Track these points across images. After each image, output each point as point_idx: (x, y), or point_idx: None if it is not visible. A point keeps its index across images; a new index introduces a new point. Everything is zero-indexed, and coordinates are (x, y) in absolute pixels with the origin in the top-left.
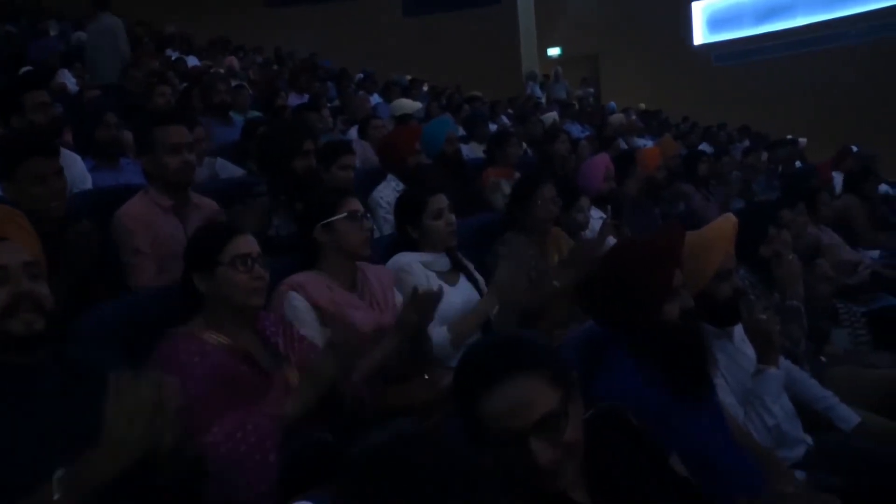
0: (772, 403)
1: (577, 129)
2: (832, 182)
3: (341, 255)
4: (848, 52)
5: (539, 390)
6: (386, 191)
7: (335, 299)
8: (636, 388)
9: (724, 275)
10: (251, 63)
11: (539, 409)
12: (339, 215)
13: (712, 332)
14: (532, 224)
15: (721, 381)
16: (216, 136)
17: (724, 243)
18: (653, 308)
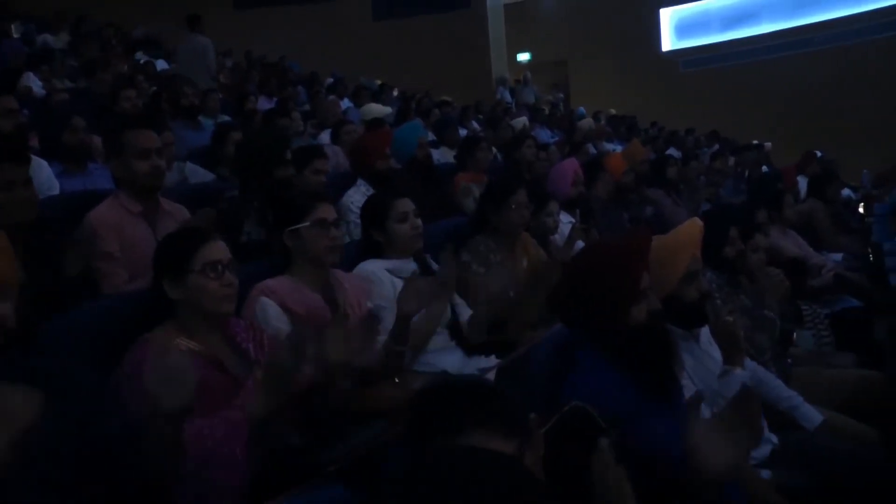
0: None
1: (547, 134)
2: (797, 186)
3: (309, 261)
4: (811, 59)
5: (492, 445)
6: (356, 195)
7: (307, 304)
8: (605, 390)
9: (690, 277)
10: (221, 67)
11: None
12: (305, 223)
13: (679, 333)
14: (504, 228)
15: (688, 382)
16: (185, 140)
17: (690, 247)
18: (621, 310)
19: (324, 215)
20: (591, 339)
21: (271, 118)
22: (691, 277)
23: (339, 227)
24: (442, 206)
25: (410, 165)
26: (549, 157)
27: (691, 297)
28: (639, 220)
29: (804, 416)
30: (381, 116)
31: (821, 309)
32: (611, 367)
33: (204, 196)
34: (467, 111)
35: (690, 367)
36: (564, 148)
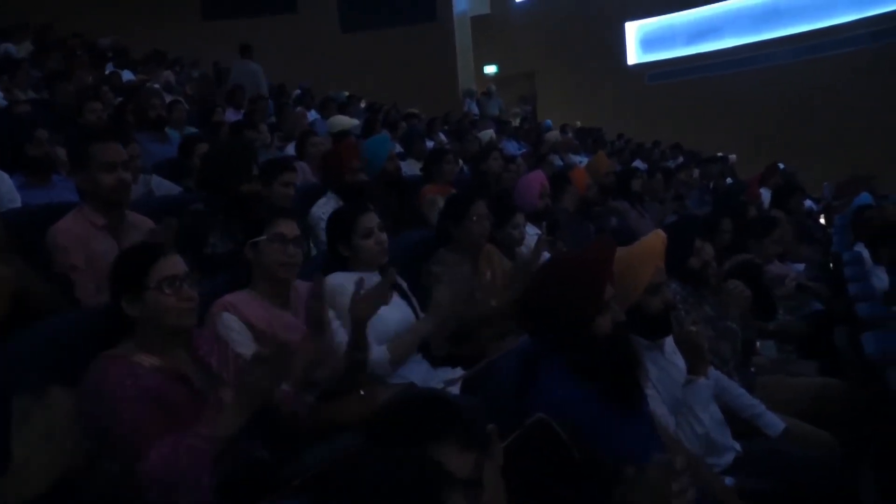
0: (701, 412)
1: (514, 147)
2: (760, 198)
3: (267, 275)
4: (774, 73)
5: (450, 458)
6: (326, 207)
7: (268, 318)
8: (570, 401)
9: (654, 289)
10: (188, 78)
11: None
12: (263, 237)
13: (644, 344)
14: (465, 241)
15: (653, 391)
16: (152, 152)
17: (654, 259)
18: (585, 321)
19: (283, 230)
20: (556, 350)
21: (238, 130)
22: (655, 289)
23: (299, 244)
24: (409, 218)
25: (381, 178)
26: (517, 169)
27: (655, 307)
28: (604, 232)
29: (767, 423)
30: (348, 128)
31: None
32: (575, 378)
33: (170, 209)
34: (434, 123)
35: (655, 377)
36: (531, 160)
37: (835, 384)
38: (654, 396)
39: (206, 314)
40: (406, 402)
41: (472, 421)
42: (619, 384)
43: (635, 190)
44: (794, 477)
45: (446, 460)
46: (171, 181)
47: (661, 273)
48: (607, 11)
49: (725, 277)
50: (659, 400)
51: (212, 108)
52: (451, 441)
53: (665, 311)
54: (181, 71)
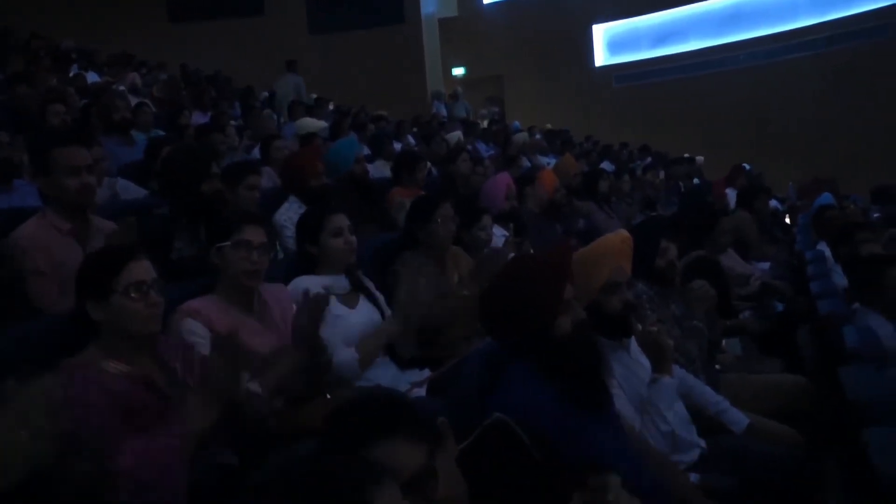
0: (666, 410)
1: (483, 148)
2: (726, 198)
3: (231, 281)
4: (738, 75)
5: (401, 452)
6: (289, 213)
7: (231, 324)
8: (534, 401)
9: (611, 288)
10: (154, 80)
11: (405, 471)
12: (227, 242)
13: (608, 343)
14: (431, 243)
15: (618, 390)
16: (117, 155)
17: (612, 257)
18: (546, 321)
19: (249, 237)
20: (519, 351)
21: (204, 133)
22: (613, 288)
23: (265, 251)
24: (377, 221)
25: (347, 181)
26: (485, 170)
27: (613, 307)
28: (572, 233)
29: (731, 419)
30: (316, 131)
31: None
32: (538, 379)
33: (136, 212)
34: (403, 125)
35: (621, 376)
36: (500, 162)
37: (798, 381)
38: (619, 395)
39: (168, 322)
40: (357, 402)
41: (423, 417)
42: (582, 384)
43: (602, 191)
44: (758, 473)
45: (396, 456)
46: (138, 184)
47: (621, 272)
48: (575, 14)
49: (683, 275)
50: (625, 398)
51: (178, 110)
52: (402, 436)
53: (624, 311)
54: (148, 73)
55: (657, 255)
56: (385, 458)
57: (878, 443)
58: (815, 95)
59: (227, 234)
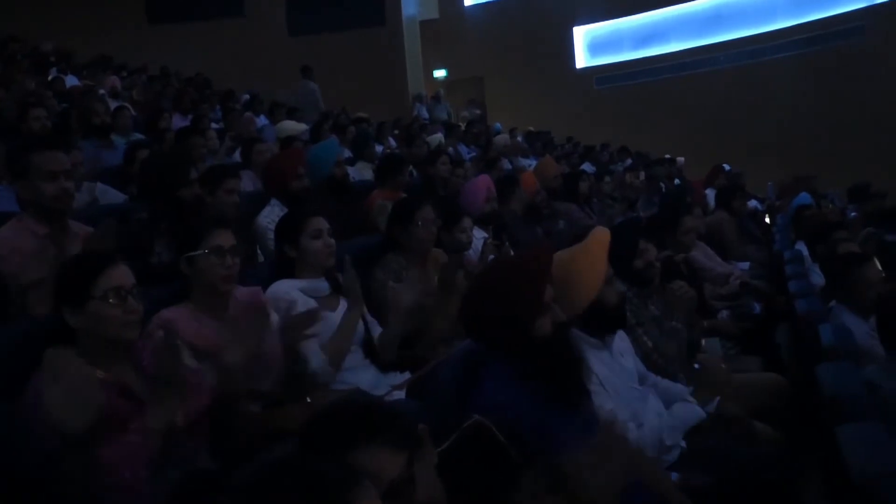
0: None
1: (464, 150)
2: (706, 199)
3: (204, 288)
4: (719, 76)
5: (381, 459)
6: (271, 215)
7: (204, 333)
8: (512, 402)
9: (610, 281)
10: (135, 83)
11: (384, 478)
12: (200, 251)
13: (592, 342)
14: (412, 246)
15: (600, 389)
16: (97, 159)
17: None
18: (526, 323)
19: (220, 242)
20: (498, 353)
21: (184, 136)
22: (610, 280)
23: (236, 253)
24: (358, 224)
25: (328, 184)
26: (465, 172)
27: (612, 300)
28: (552, 235)
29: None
30: (296, 134)
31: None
32: (517, 380)
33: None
34: (384, 127)
35: (604, 376)
36: (481, 164)
37: (776, 379)
38: (601, 393)
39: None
40: (337, 408)
41: (403, 423)
42: (561, 384)
43: (583, 192)
44: (737, 471)
45: (376, 462)
46: (117, 189)
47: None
48: (556, 16)
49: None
50: (606, 396)
51: (158, 113)
52: (381, 443)
53: (620, 302)
54: (128, 76)
55: (635, 256)
56: (363, 465)
57: (851, 439)
58: (794, 96)
59: (194, 243)
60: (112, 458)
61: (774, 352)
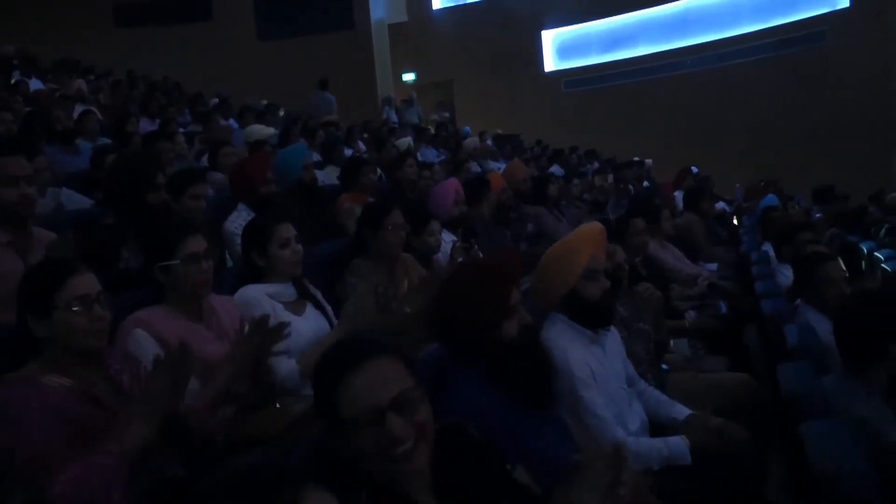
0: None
1: (433, 154)
2: (674, 200)
3: (181, 293)
4: (686, 79)
5: (394, 369)
6: (238, 220)
7: (182, 334)
8: (480, 405)
9: (590, 275)
10: (102, 87)
11: (395, 386)
12: (175, 260)
13: (588, 335)
14: (381, 250)
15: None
16: (62, 164)
17: (590, 245)
18: (492, 326)
19: (194, 248)
20: (465, 356)
21: (152, 141)
22: (592, 275)
23: (209, 256)
24: (326, 227)
25: (296, 188)
26: (433, 176)
27: (592, 294)
28: (521, 238)
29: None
30: (265, 138)
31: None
32: (485, 383)
33: (81, 223)
34: (353, 131)
35: (596, 370)
36: (450, 167)
37: (743, 379)
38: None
39: (116, 333)
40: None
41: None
42: (527, 386)
43: (552, 195)
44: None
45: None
46: (83, 194)
47: (598, 261)
48: (524, 20)
49: None
50: (596, 389)
51: (125, 117)
52: (394, 356)
53: (603, 299)
54: (94, 80)
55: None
56: (380, 371)
57: (812, 436)
58: (759, 99)
59: (167, 252)
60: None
61: (742, 352)
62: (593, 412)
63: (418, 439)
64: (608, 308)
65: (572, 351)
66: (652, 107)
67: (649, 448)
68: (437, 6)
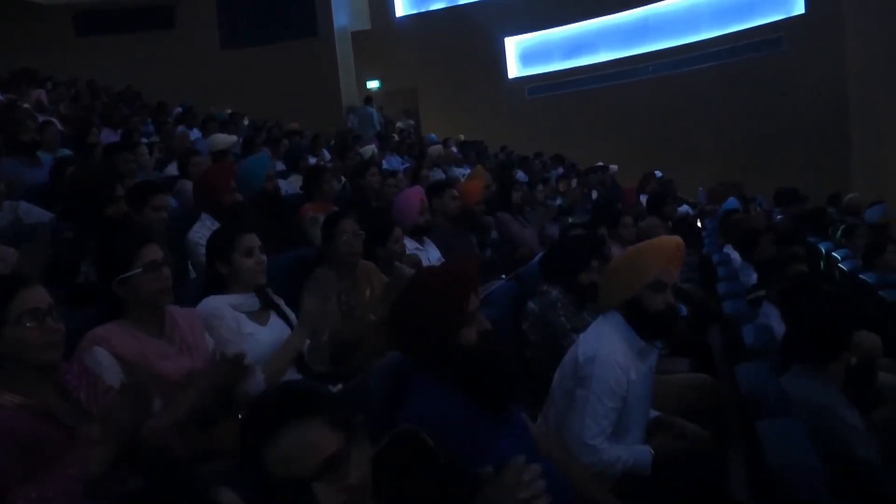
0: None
1: (398, 162)
2: (637, 205)
3: (144, 305)
4: (647, 84)
5: (320, 434)
6: (202, 230)
7: (141, 350)
8: (440, 412)
9: (658, 287)
10: (62, 97)
11: (321, 452)
12: (135, 270)
13: (638, 346)
14: (336, 258)
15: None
16: (22, 177)
17: (663, 257)
18: (450, 333)
19: (152, 257)
20: (425, 363)
21: (114, 152)
22: (660, 287)
23: (167, 264)
24: (289, 237)
25: (258, 198)
26: (397, 183)
27: (656, 306)
28: (486, 244)
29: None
30: (227, 147)
31: None
32: (444, 390)
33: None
34: (318, 140)
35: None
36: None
37: (704, 379)
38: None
39: (76, 346)
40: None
41: (342, 405)
42: (486, 392)
43: (516, 202)
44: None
45: (316, 436)
46: (44, 207)
47: (668, 275)
48: (487, 27)
49: None
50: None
51: (87, 128)
52: (320, 418)
53: (666, 311)
54: (54, 89)
55: (583, 271)
56: (305, 438)
57: (768, 434)
58: (719, 103)
59: (124, 264)
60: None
61: (704, 352)
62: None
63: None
64: (668, 324)
65: (619, 353)
66: (615, 112)
67: (616, 459)
68: (399, 14)
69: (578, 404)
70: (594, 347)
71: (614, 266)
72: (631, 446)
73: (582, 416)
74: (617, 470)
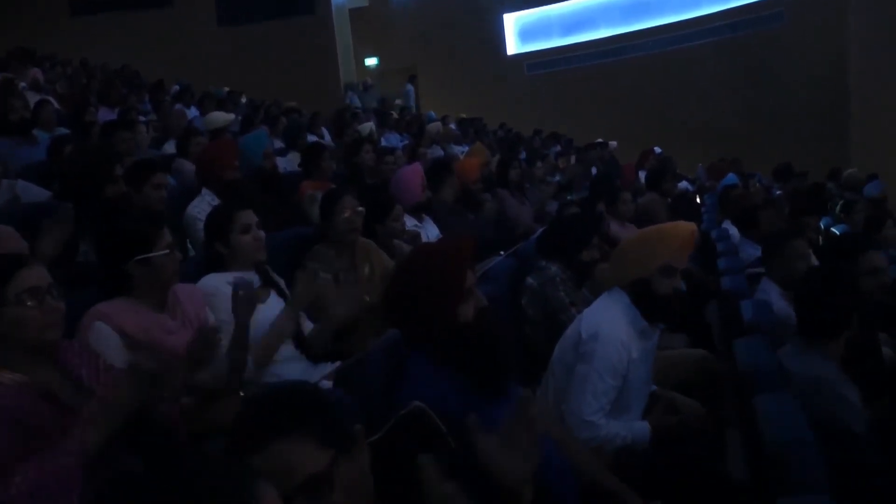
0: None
1: (396, 139)
2: (635, 182)
3: (155, 284)
4: (647, 61)
5: (302, 453)
6: (202, 205)
7: (144, 325)
8: (437, 391)
9: (667, 271)
10: (58, 76)
11: (301, 472)
12: (161, 252)
13: (640, 327)
14: (336, 236)
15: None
16: (19, 156)
17: (677, 242)
18: (447, 310)
19: (169, 238)
20: (422, 341)
21: (111, 130)
22: (670, 272)
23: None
24: (288, 215)
25: (256, 176)
26: (394, 161)
27: (664, 290)
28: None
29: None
30: (224, 125)
31: None
32: (441, 368)
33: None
34: (316, 117)
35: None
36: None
37: (702, 355)
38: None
39: (76, 325)
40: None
41: (337, 418)
42: (483, 370)
43: (514, 179)
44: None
45: (298, 453)
46: (41, 185)
47: (680, 260)
48: (486, 2)
49: None
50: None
51: (84, 107)
52: (303, 435)
53: (673, 296)
54: (50, 69)
55: (585, 248)
56: (284, 457)
57: (764, 409)
58: (719, 80)
59: (141, 246)
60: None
61: (703, 328)
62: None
63: None
64: (674, 309)
65: (622, 331)
66: (614, 88)
67: (614, 435)
68: None
69: (579, 380)
70: (597, 324)
71: (627, 245)
72: (629, 423)
73: (582, 392)
74: (615, 446)
